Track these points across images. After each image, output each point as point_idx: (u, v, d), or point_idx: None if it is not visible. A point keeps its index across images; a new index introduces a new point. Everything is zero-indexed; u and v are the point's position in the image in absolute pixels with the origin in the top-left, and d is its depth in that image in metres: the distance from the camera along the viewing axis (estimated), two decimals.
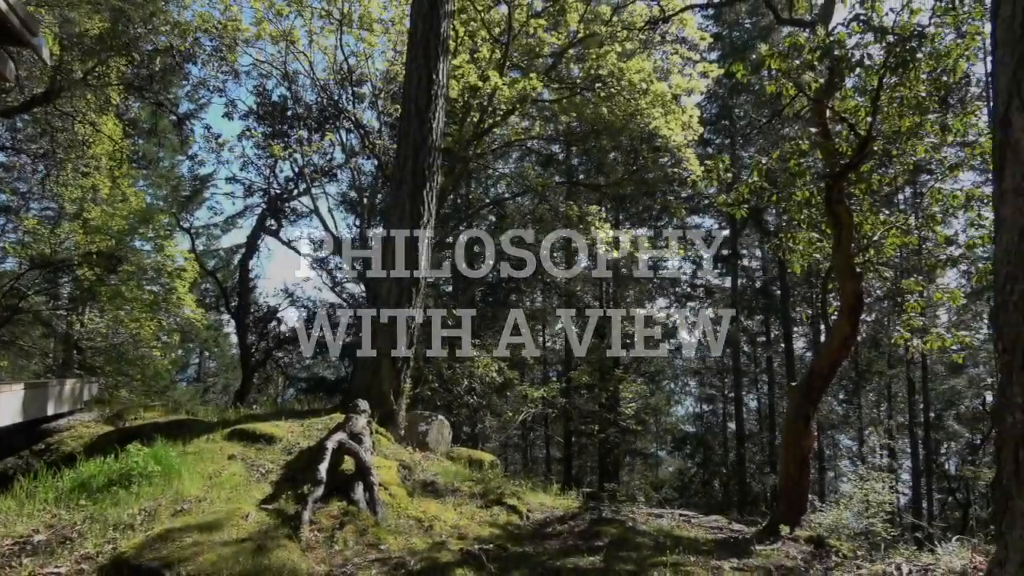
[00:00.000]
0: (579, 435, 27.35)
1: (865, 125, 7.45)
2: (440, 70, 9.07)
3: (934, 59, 7.57)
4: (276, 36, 18.30)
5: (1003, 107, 3.16)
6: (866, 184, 8.15)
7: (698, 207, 27.02)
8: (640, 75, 14.66)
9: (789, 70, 7.30)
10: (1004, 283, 3.05)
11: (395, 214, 9.01)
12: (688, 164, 15.42)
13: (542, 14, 16.79)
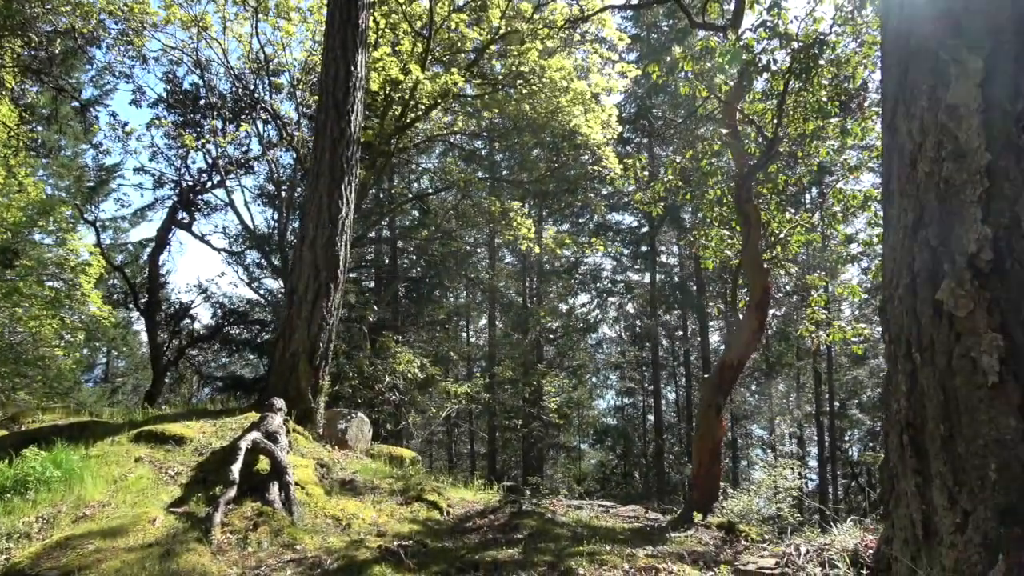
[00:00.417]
0: (503, 430, 27.53)
1: (772, 128, 7.78)
2: (359, 62, 8.92)
3: (835, 66, 7.97)
4: (187, 21, 17.56)
5: (890, 113, 3.37)
6: (773, 184, 8.52)
7: (618, 204, 27.57)
8: (561, 73, 14.83)
9: (701, 72, 7.55)
10: (891, 279, 3.25)
11: (312, 208, 8.82)
12: (608, 162, 15.71)
13: (464, 9, 16.74)
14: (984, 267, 2.75)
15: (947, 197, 2.92)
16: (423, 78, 14.56)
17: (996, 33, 2.96)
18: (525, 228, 16.79)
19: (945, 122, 2.99)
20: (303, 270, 8.75)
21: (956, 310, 2.80)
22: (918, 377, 2.98)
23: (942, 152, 2.98)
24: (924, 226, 3.01)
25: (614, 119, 15.60)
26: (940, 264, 2.90)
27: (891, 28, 3.51)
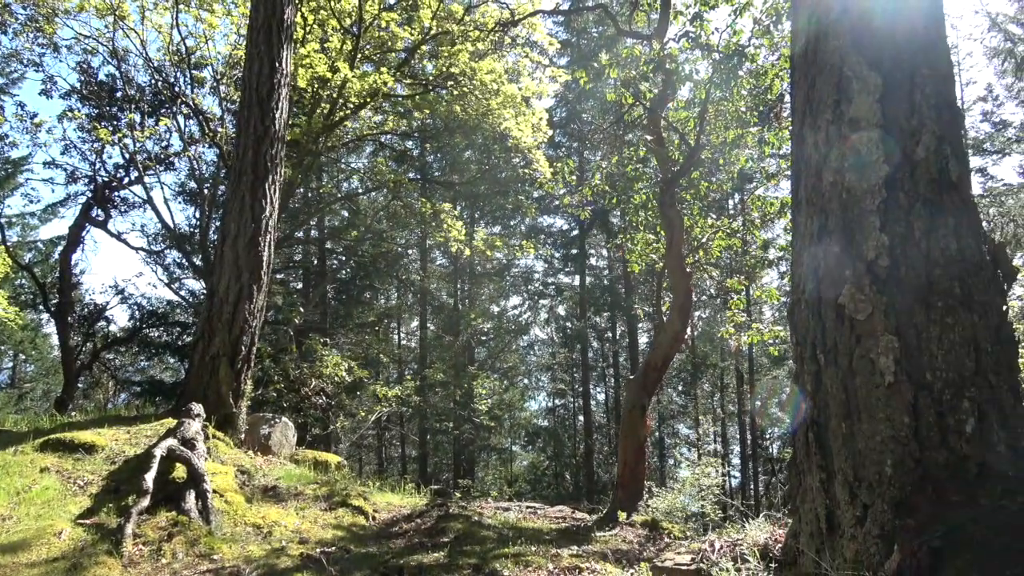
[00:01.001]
0: (434, 433, 27.37)
1: (695, 135, 8.00)
2: (284, 58, 8.72)
3: (754, 77, 8.25)
4: (103, 9, 16.77)
5: (798, 124, 3.52)
6: (696, 190, 8.76)
7: (549, 207, 27.82)
8: (491, 76, 14.85)
9: (627, 80, 7.70)
10: (798, 283, 3.39)
11: (235, 207, 8.56)
12: (538, 165, 15.82)
13: (395, 8, 16.59)
14: (881, 273, 2.90)
15: (849, 206, 3.07)
16: (352, 76, 14.35)
17: (894, 52, 3.13)
18: (456, 230, 16.73)
19: (847, 135, 3.15)
20: (224, 270, 8.48)
21: (856, 314, 2.95)
22: (822, 377, 3.12)
23: (844, 163, 3.14)
24: (828, 233, 3.15)
25: (544, 123, 15.72)
26: (842, 270, 3.04)
27: (800, 44, 3.67)
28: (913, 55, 3.12)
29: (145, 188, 21.05)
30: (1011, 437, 2.71)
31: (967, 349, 2.76)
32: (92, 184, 22.67)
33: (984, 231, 3.04)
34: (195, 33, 18.20)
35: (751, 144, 8.79)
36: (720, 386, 31.86)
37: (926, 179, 2.97)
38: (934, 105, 3.05)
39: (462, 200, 25.65)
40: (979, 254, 2.93)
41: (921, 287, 2.84)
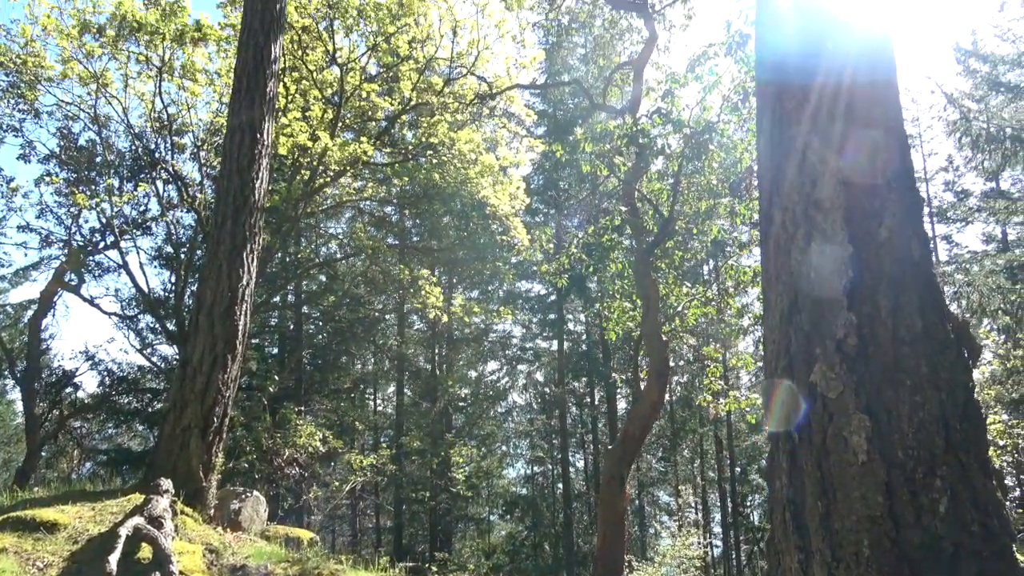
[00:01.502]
0: (410, 503, 26.71)
1: (668, 206, 8.18)
2: (265, 129, 8.85)
3: (724, 151, 8.50)
4: (86, 77, 16.99)
5: (766, 203, 3.62)
6: (670, 259, 8.90)
7: (527, 272, 28.02)
8: (470, 146, 15.17)
9: (602, 153, 7.91)
10: (771, 360, 3.43)
11: (212, 275, 8.52)
12: (516, 232, 16.02)
13: (376, 79, 16.99)
14: (851, 351, 2.95)
15: (817, 285, 3.14)
16: (333, 145, 14.57)
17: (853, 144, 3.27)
18: (434, 296, 16.76)
19: (813, 215, 3.25)
20: (199, 340, 8.38)
21: (828, 392, 2.98)
22: (797, 455, 3.13)
23: (812, 243, 3.23)
24: (798, 311, 3.21)
25: (522, 191, 16.01)
26: (813, 348, 3.09)
27: (765, 125, 3.82)
28: (874, 143, 3.26)
29: (121, 253, 20.90)
30: (983, 516, 2.72)
31: (937, 427, 2.80)
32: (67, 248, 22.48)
33: (948, 310, 3.12)
34: (177, 101, 18.43)
35: (723, 214, 9.00)
36: (700, 452, 31.65)
37: (890, 259, 3.06)
38: (895, 188, 3.17)
39: (440, 265, 25.77)
40: (944, 332, 2.99)
41: (889, 366, 2.89)
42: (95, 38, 16.26)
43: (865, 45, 3.61)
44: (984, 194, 26.83)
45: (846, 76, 3.53)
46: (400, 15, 14.92)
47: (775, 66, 3.96)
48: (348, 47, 16.40)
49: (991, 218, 20.42)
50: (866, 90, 3.45)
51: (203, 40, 15.70)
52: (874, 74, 3.52)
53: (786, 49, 3.87)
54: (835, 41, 3.63)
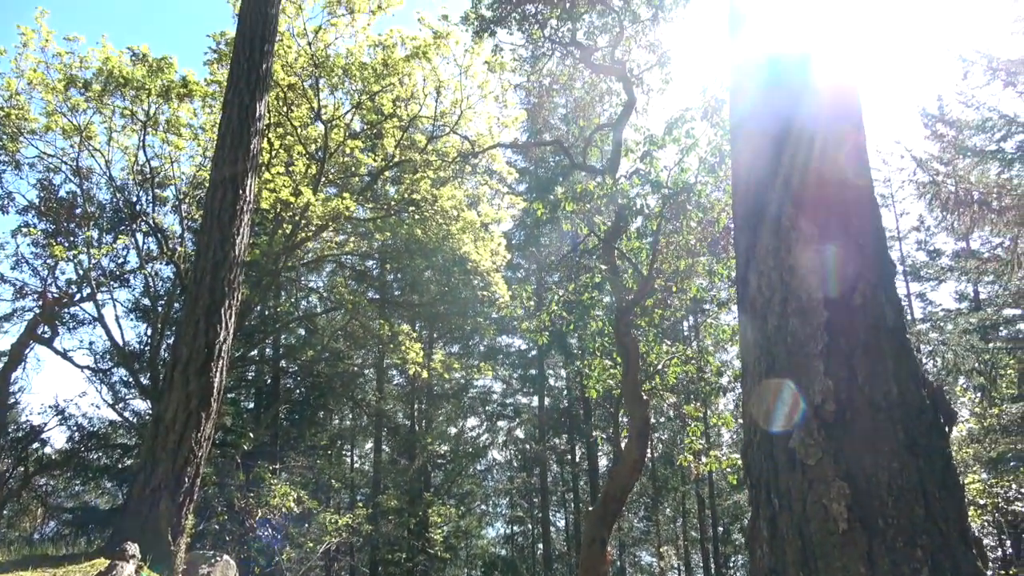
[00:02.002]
0: (386, 564, 25.92)
1: (647, 265, 8.26)
2: (248, 186, 8.88)
3: (702, 211, 8.64)
4: (69, 130, 17.07)
5: (743, 267, 3.67)
6: (650, 317, 8.94)
7: (507, 327, 27.98)
8: (452, 202, 15.33)
9: (582, 212, 8.01)
10: (750, 424, 3.42)
11: (189, 331, 8.41)
12: (497, 288, 16.07)
13: (360, 135, 17.22)
14: (829, 417, 2.96)
15: (794, 350, 3.16)
16: (315, 201, 14.64)
17: (828, 205, 3.35)
18: (414, 352, 16.65)
19: (788, 281, 3.29)
20: (173, 396, 8.21)
21: (807, 459, 2.97)
22: (778, 522, 3.09)
23: (788, 308, 3.26)
24: (776, 375, 3.22)
25: (503, 247, 16.13)
26: (792, 413, 3.09)
27: (740, 191, 3.90)
28: (847, 208, 3.33)
29: (97, 305, 20.66)
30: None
31: (916, 495, 2.79)
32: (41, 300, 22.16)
33: (924, 376, 3.15)
34: (161, 154, 18.52)
35: (702, 273, 9.10)
36: (682, 511, 31.23)
37: (864, 325, 3.09)
38: (867, 255, 3.23)
39: (421, 320, 25.67)
40: (920, 399, 3.01)
41: (867, 432, 2.89)
42: (81, 92, 16.40)
43: (835, 111, 3.73)
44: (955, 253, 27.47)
45: (817, 142, 3.63)
46: (385, 75, 15.22)
47: (748, 132, 4.07)
48: (333, 104, 16.67)
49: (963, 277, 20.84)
50: (837, 155, 3.55)
51: (189, 96, 15.88)
52: (844, 139, 3.63)
53: (759, 115, 3.98)
54: (807, 107, 3.74)
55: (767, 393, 3.26)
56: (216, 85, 16.02)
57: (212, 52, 15.82)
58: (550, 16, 11.21)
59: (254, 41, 9.18)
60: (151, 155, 17.97)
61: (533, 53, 13.44)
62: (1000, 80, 13.93)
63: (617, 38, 10.69)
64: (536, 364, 29.28)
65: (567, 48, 11.38)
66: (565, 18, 10.96)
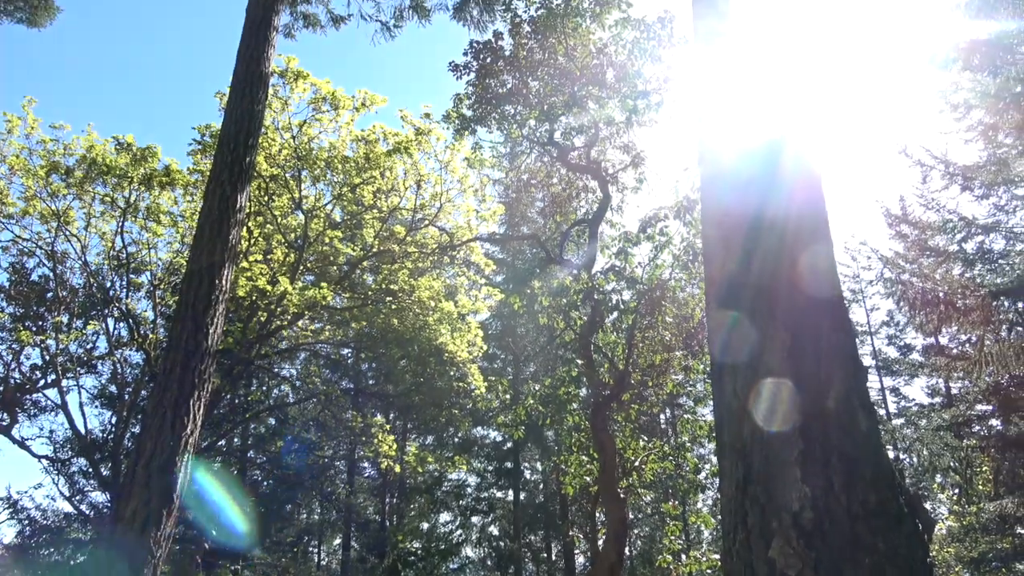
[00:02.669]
0: None
1: (623, 359, 8.28)
2: (224, 275, 8.85)
3: (676, 306, 8.75)
4: (47, 215, 17.10)
5: (717, 370, 3.69)
6: (626, 412, 8.89)
7: (483, 419, 27.56)
8: (429, 292, 15.39)
9: (558, 307, 8.08)
10: (728, 531, 3.35)
11: (155, 423, 8.16)
12: (473, 379, 15.94)
13: (340, 226, 17.41)
14: (807, 526, 2.91)
15: (770, 457, 3.14)
16: (292, 290, 14.63)
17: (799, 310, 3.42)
18: (387, 444, 16.30)
19: (762, 383, 3.31)
20: (134, 492, 7.87)
21: (787, 569, 2.90)
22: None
23: (762, 411, 3.26)
24: (753, 483, 3.18)
25: (480, 339, 16.11)
26: (769, 521, 3.04)
27: (712, 292, 3.97)
28: (817, 313, 3.40)
29: (61, 392, 20.11)
30: None
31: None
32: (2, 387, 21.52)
33: (901, 483, 3.14)
34: (139, 240, 18.54)
35: (677, 368, 9.13)
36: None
37: (838, 431, 3.10)
38: (839, 359, 3.27)
39: (395, 410, 25.24)
40: (898, 506, 2.99)
41: (847, 542, 2.85)
42: (62, 178, 16.53)
43: (802, 213, 3.85)
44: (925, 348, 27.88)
45: (786, 247, 3.73)
46: (367, 168, 15.56)
47: (720, 237, 4.18)
48: (314, 195, 16.94)
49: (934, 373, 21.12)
50: (806, 259, 3.65)
51: (171, 184, 16.07)
52: (812, 242, 3.73)
53: (729, 217, 4.10)
54: (773, 210, 3.86)
55: (744, 499, 3.21)
56: (199, 174, 16.25)
57: (196, 144, 16.13)
58: (528, 117, 11.65)
59: (238, 135, 9.39)
60: (128, 240, 17.98)
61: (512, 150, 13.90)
62: (957, 184, 14.59)
63: (593, 139, 11.11)
64: (512, 457, 28.72)
65: (544, 147, 11.77)
66: (543, 119, 11.39)
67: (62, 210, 17.07)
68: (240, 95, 9.69)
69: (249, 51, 9.88)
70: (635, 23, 11.19)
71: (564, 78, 11.61)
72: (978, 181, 14.56)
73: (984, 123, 13.59)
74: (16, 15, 14.28)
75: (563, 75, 11.64)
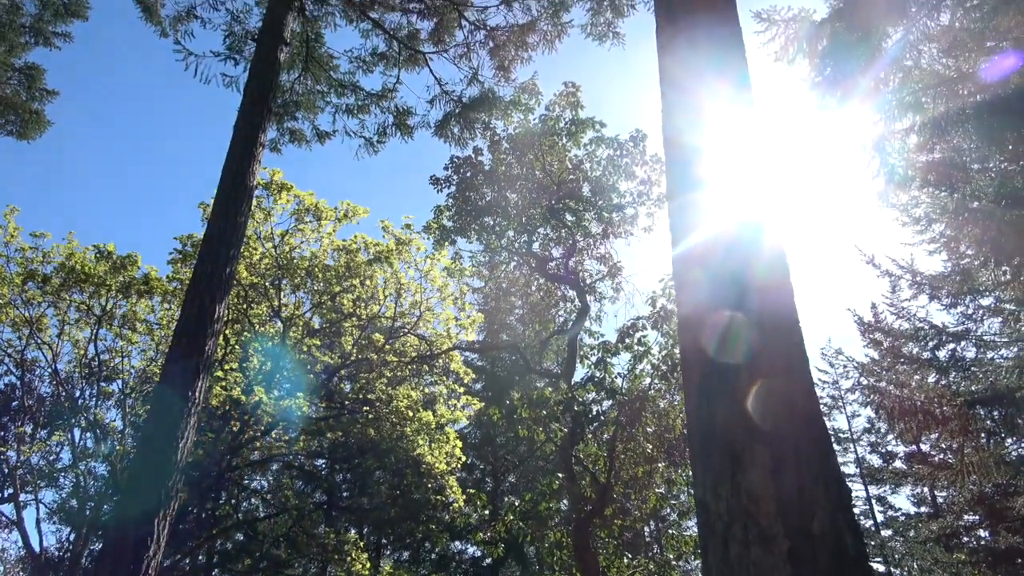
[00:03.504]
0: None
1: (605, 473, 8.12)
2: (198, 387, 8.67)
3: (657, 417, 8.69)
4: (20, 323, 16.86)
5: (700, 490, 3.60)
6: (610, 528, 8.62)
7: (462, 533, 26.52)
8: (407, 402, 15.17)
9: (538, 419, 7.98)
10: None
11: (115, 544, 7.75)
12: (452, 491, 15.46)
13: (318, 333, 17.31)
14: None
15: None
16: (267, 399, 14.35)
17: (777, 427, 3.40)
18: (360, 563, 15.55)
19: (747, 506, 3.24)
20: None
21: None
22: None
23: (749, 535, 3.18)
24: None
25: (458, 449, 15.75)
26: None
27: (692, 409, 3.95)
28: (796, 432, 3.38)
29: (17, 507, 19.17)
30: None
31: None
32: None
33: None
34: (112, 348, 18.27)
35: (660, 481, 8.95)
36: None
37: (826, 554, 3.02)
38: (821, 480, 3.23)
39: (369, 524, 24.26)
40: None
41: None
42: (39, 286, 16.44)
43: (776, 327, 3.88)
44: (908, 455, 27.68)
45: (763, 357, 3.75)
46: (347, 276, 15.68)
47: (696, 347, 4.20)
48: (294, 303, 16.94)
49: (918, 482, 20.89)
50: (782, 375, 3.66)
51: (149, 293, 16.02)
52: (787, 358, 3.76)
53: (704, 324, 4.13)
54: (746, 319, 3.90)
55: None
56: (178, 282, 16.24)
57: (178, 253, 16.22)
58: (507, 228, 11.93)
59: (220, 246, 9.44)
60: (102, 348, 17.71)
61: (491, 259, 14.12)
62: (925, 294, 14.97)
63: (570, 249, 11.35)
64: (491, 574, 27.45)
65: (523, 257, 11.99)
66: (521, 230, 11.67)
67: (35, 318, 16.87)
68: (224, 206, 9.83)
69: (235, 165, 10.11)
70: (609, 141, 11.74)
71: (542, 192, 12.01)
72: (945, 290, 14.96)
73: (946, 235, 14.12)
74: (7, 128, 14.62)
75: (541, 189, 12.04)
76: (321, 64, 11.96)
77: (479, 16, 11.18)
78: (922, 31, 7.84)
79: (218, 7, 11.09)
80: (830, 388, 31.58)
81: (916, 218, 13.67)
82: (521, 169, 12.24)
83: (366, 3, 11.08)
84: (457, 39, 11.42)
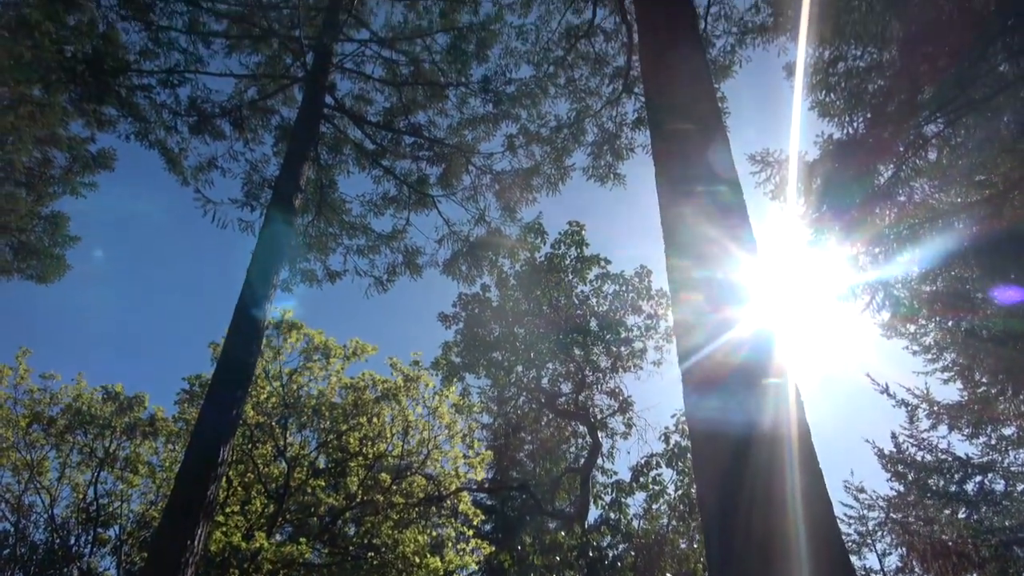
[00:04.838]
0: None
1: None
2: (198, 535, 8.36)
3: (677, 561, 8.27)
4: (21, 466, 16.55)
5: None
6: None
7: None
8: (414, 547, 14.51)
9: (551, 566, 7.60)
10: None
11: None
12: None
13: (323, 474, 16.85)
14: None
15: None
16: (268, 545, 13.77)
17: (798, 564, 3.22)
18: None
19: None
20: None
21: None
22: None
23: None
24: None
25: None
26: None
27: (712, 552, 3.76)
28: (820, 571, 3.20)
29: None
30: None
31: None
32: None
33: None
34: (112, 491, 17.81)
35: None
36: None
37: None
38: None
39: None
40: None
41: None
42: (43, 428, 16.30)
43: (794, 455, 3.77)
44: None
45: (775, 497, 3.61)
46: (354, 414, 15.48)
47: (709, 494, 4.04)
48: (299, 442, 16.64)
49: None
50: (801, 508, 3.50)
51: (154, 434, 15.84)
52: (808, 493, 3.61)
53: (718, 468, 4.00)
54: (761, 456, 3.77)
55: None
56: (183, 423, 16.06)
57: (185, 393, 16.18)
58: (516, 363, 11.91)
59: (229, 387, 9.44)
60: (102, 492, 17.27)
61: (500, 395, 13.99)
62: (944, 424, 14.62)
63: (580, 384, 11.26)
64: None
65: (532, 392, 11.88)
66: (530, 365, 11.65)
67: (36, 461, 16.60)
68: (234, 346, 9.91)
69: (246, 306, 10.30)
70: (614, 277, 11.95)
71: (549, 326, 12.09)
72: (964, 419, 14.61)
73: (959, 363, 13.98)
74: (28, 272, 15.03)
75: (548, 324, 12.13)
76: (334, 208, 12.43)
77: (485, 161, 11.74)
78: (912, 168, 8.14)
79: (237, 158, 11.70)
80: (856, 524, 30.12)
81: (926, 346, 13.59)
82: (528, 305, 12.39)
83: (378, 152, 11.68)
84: (464, 183, 11.93)
